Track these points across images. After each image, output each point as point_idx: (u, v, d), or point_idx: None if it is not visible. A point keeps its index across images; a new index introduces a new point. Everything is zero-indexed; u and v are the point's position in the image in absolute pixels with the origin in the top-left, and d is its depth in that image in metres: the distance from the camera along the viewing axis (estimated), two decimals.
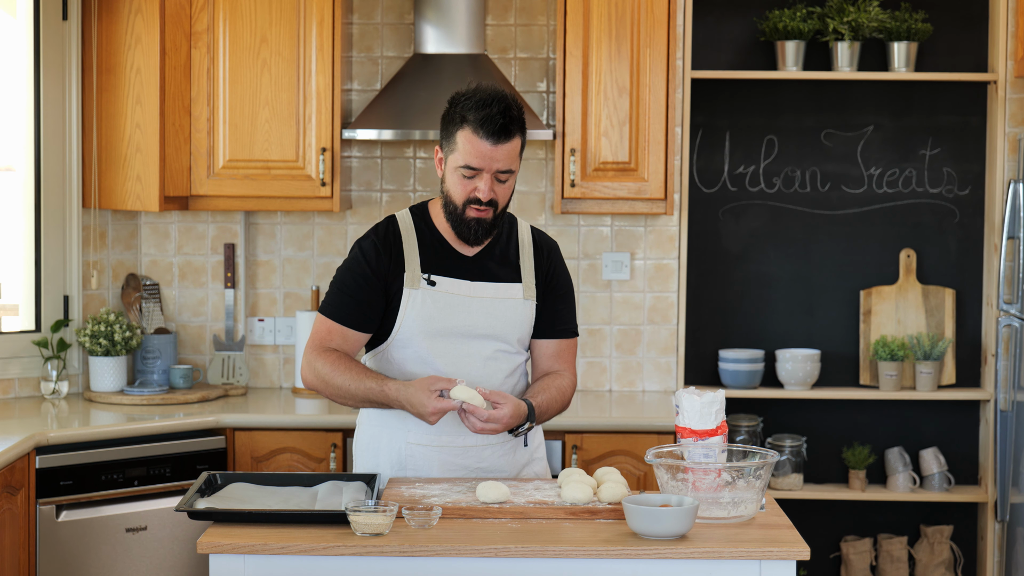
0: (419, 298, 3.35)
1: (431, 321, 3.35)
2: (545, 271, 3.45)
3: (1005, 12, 4.98)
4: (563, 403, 3.47)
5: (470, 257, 3.40)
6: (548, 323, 3.47)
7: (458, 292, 3.37)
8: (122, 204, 4.79)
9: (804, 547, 2.92)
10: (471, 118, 3.24)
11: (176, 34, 4.73)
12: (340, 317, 3.39)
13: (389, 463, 3.43)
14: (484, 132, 3.23)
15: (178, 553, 4.37)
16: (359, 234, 5.10)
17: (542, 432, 3.59)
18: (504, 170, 3.28)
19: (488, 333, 3.38)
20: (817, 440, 5.24)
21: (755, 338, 5.23)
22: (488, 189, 3.27)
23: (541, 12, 5.07)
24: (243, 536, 2.94)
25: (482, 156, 3.25)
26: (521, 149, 3.32)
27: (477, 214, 3.30)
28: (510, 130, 3.25)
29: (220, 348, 5.11)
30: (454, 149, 3.28)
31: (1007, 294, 4.86)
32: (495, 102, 3.25)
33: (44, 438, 4.18)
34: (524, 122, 3.30)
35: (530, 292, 3.42)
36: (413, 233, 3.40)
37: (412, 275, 3.36)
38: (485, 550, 2.89)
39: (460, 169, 3.27)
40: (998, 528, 5.03)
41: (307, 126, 4.77)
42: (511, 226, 3.48)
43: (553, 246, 3.51)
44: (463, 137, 3.26)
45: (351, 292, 3.38)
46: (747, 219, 5.22)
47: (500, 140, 3.24)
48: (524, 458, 3.49)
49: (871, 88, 5.17)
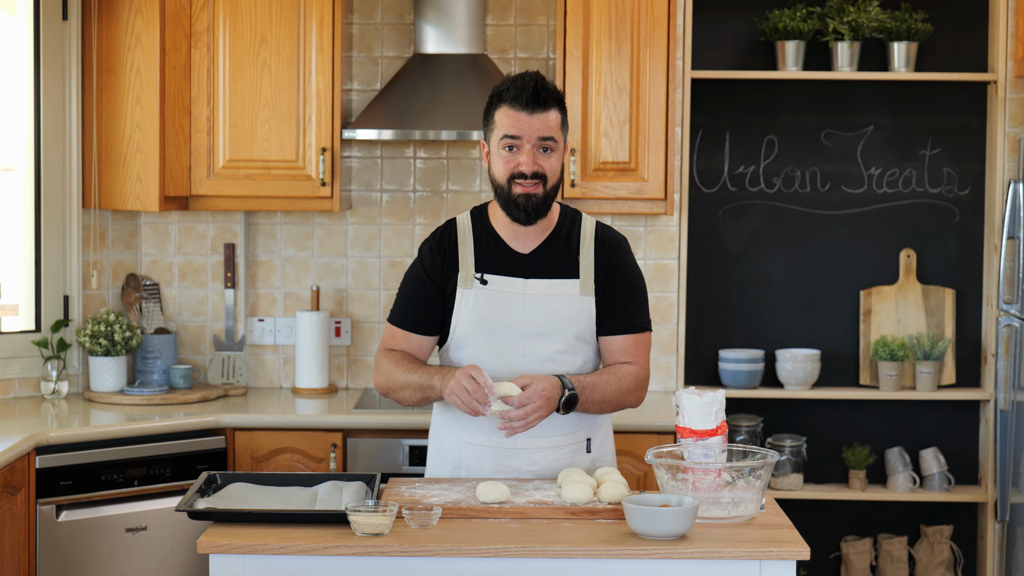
0: (472, 297, 3.35)
1: (484, 320, 3.34)
2: (605, 266, 3.40)
3: (1005, 12, 4.98)
4: (620, 386, 3.36)
5: (526, 255, 3.38)
6: (614, 318, 3.40)
7: (511, 290, 3.35)
8: (122, 204, 4.79)
9: (804, 547, 2.93)
10: (506, 95, 3.28)
11: (176, 34, 4.73)
12: (401, 322, 3.42)
13: (447, 461, 3.44)
14: (519, 103, 3.25)
15: (178, 553, 4.37)
16: (359, 234, 5.12)
17: (611, 438, 3.53)
18: (545, 137, 3.27)
19: (543, 331, 3.35)
20: (817, 440, 5.24)
21: (755, 338, 5.23)
22: (531, 160, 3.26)
23: (541, 12, 5.07)
24: (243, 536, 2.94)
25: (519, 124, 3.25)
26: (563, 126, 3.31)
27: (523, 189, 3.28)
28: (544, 99, 3.26)
29: (220, 348, 5.11)
30: (493, 128, 3.30)
31: (1007, 294, 4.86)
32: (528, 76, 3.28)
33: (44, 438, 4.18)
34: (562, 99, 3.31)
35: (587, 288, 3.38)
36: (470, 234, 3.40)
37: (466, 275, 3.36)
38: (485, 550, 2.89)
39: (501, 142, 3.28)
40: (998, 528, 5.03)
41: (307, 126, 4.77)
42: (574, 221, 3.44)
43: (618, 241, 3.45)
44: (500, 113, 3.29)
45: (409, 296, 3.42)
46: (747, 219, 5.23)
47: (535, 109, 3.25)
48: (584, 464, 3.43)
49: (871, 88, 5.17)
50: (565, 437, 3.41)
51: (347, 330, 5.10)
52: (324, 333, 4.97)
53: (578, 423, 3.43)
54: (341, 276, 5.12)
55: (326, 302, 5.11)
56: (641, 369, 3.42)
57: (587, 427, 3.45)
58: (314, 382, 4.97)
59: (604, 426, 3.51)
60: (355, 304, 5.12)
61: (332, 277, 5.12)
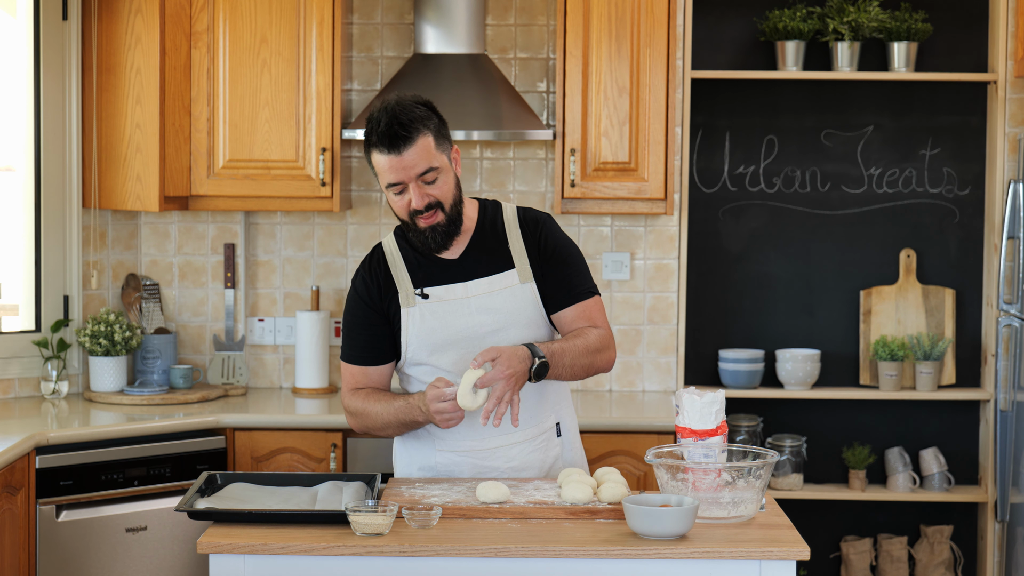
0: (417, 314, 3.35)
1: (434, 333, 3.35)
2: (537, 245, 3.39)
3: (1005, 12, 4.98)
4: (587, 346, 3.32)
5: (457, 259, 3.38)
6: (560, 292, 3.39)
7: (453, 297, 3.36)
8: (122, 204, 4.79)
9: (804, 547, 2.93)
10: (371, 139, 3.24)
11: (176, 34, 4.73)
12: (354, 358, 3.41)
13: (423, 471, 3.44)
14: (382, 147, 3.22)
15: (178, 553, 4.37)
16: (359, 234, 5.12)
17: (576, 422, 3.54)
18: (423, 171, 3.23)
19: (494, 328, 3.35)
20: (817, 440, 5.24)
21: (755, 338, 5.23)
22: (419, 197, 3.24)
23: (541, 12, 5.07)
24: (243, 536, 2.94)
25: (392, 168, 3.22)
26: (439, 145, 3.25)
27: (426, 222, 3.27)
28: (403, 135, 3.20)
29: (220, 348, 5.11)
30: (376, 172, 3.28)
31: (1007, 294, 4.86)
32: (382, 114, 3.22)
33: (44, 438, 4.18)
34: (422, 120, 3.22)
35: (525, 274, 3.37)
36: (398, 254, 3.40)
37: (405, 294, 3.36)
38: (485, 550, 2.89)
39: (387, 189, 3.27)
40: (998, 528, 5.03)
41: (307, 126, 4.77)
42: (495, 213, 3.43)
43: (541, 218, 3.43)
44: (374, 159, 3.26)
45: (355, 331, 3.41)
46: (747, 219, 5.23)
47: (398, 148, 3.20)
48: (555, 451, 3.45)
49: (871, 88, 5.17)
50: (535, 428, 3.41)
51: None
52: (324, 333, 4.97)
53: (543, 408, 3.42)
54: (341, 276, 5.12)
55: (326, 302, 5.11)
56: (604, 329, 3.40)
57: (553, 410, 3.46)
58: (314, 382, 4.97)
59: (567, 407, 3.52)
60: None
61: (332, 277, 5.12)
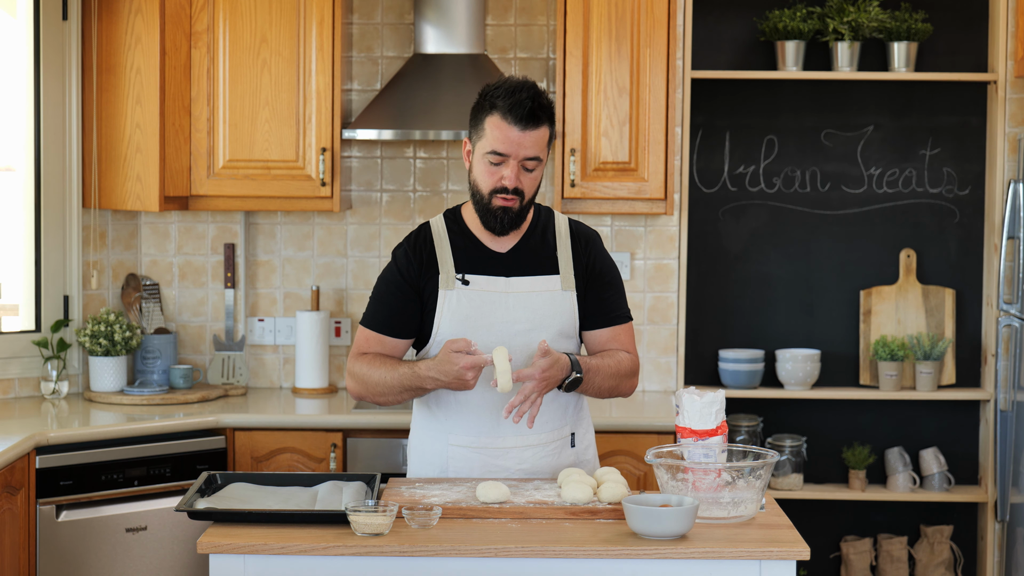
0: (455, 298, 3.35)
1: (468, 320, 3.34)
2: (584, 261, 3.42)
3: (1005, 12, 4.98)
4: (618, 370, 3.39)
5: (504, 253, 3.39)
6: (597, 312, 3.43)
7: (494, 289, 3.36)
8: (122, 204, 4.79)
9: (804, 547, 2.93)
10: (500, 104, 3.24)
11: (176, 34, 4.73)
12: (375, 325, 3.40)
13: (433, 466, 3.44)
14: (512, 117, 3.23)
15: (178, 553, 4.37)
16: (359, 234, 5.12)
17: (592, 432, 3.55)
18: (531, 157, 3.26)
19: (527, 327, 3.35)
20: (817, 440, 5.24)
21: (755, 338, 5.23)
22: (514, 176, 3.26)
23: (541, 12, 5.07)
24: (243, 536, 2.94)
25: (509, 141, 3.24)
26: (549, 140, 3.30)
27: (503, 203, 3.28)
28: (538, 116, 3.24)
29: (220, 348, 5.11)
30: (482, 136, 3.27)
31: (1007, 294, 4.86)
32: (524, 89, 3.25)
33: (44, 438, 4.18)
34: (553, 112, 3.29)
35: (568, 283, 3.39)
36: (446, 236, 3.39)
37: (446, 276, 3.36)
38: (485, 550, 2.89)
39: (487, 156, 3.26)
40: (998, 528, 5.03)
41: (307, 126, 4.77)
42: (548, 219, 3.45)
43: (592, 236, 3.47)
44: (491, 123, 3.25)
45: (384, 300, 3.40)
46: (747, 219, 5.23)
47: (528, 126, 3.23)
48: (569, 459, 3.45)
49: (871, 88, 5.17)
50: (551, 433, 3.42)
51: (347, 330, 5.10)
52: (324, 333, 4.97)
53: (562, 418, 3.44)
54: (341, 276, 5.12)
55: (326, 302, 5.11)
56: (634, 356, 3.46)
57: (571, 421, 3.47)
58: (314, 382, 4.97)
59: (585, 419, 3.54)
60: (355, 304, 5.12)
61: (332, 277, 5.12)
